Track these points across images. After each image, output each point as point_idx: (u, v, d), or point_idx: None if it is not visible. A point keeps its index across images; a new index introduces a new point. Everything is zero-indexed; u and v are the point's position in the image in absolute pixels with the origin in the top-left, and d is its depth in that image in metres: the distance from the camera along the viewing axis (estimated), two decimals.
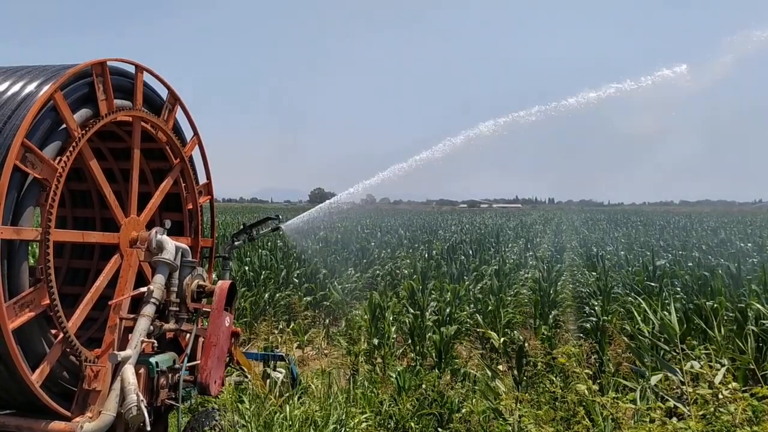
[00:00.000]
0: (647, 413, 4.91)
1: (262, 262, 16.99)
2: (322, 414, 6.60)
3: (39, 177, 4.73)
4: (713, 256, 20.49)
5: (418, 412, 7.21)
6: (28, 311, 4.67)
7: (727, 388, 4.57)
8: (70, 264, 7.36)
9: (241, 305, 13.00)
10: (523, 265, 19.80)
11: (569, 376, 6.90)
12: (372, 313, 10.86)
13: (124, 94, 5.74)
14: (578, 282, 17.57)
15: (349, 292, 15.66)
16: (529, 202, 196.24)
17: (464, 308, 11.98)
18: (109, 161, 7.01)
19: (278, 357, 7.98)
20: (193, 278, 5.93)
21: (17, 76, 5.20)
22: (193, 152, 6.88)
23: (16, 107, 4.81)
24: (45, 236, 4.76)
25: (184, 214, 6.98)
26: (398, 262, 20.56)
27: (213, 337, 5.79)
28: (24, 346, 4.65)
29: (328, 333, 13.02)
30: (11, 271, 4.60)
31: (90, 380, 5.04)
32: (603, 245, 27.77)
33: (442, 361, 9.47)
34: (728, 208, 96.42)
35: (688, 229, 43.97)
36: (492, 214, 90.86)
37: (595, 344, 9.20)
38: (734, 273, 13.69)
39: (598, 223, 56.47)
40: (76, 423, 4.81)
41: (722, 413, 4.50)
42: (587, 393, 5.35)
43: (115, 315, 5.37)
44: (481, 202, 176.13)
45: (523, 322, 13.05)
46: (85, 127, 5.21)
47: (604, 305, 11.12)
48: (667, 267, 15.98)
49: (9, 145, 4.49)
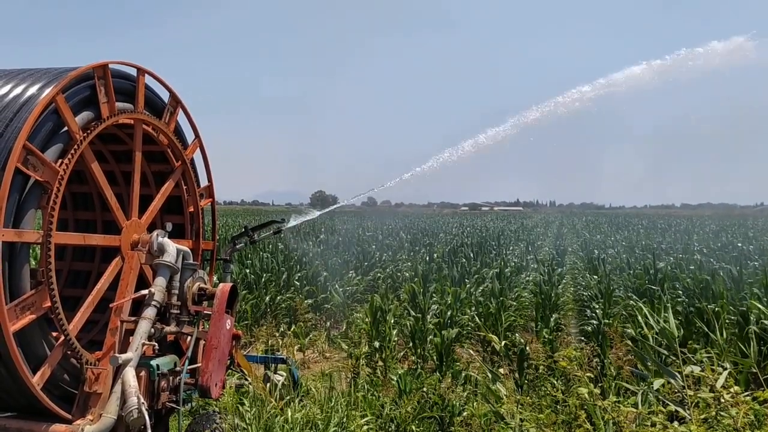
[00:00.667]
0: (649, 417, 4.90)
1: (263, 264, 16.98)
2: (323, 417, 6.58)
3: (41, 180, 4.74)
4: (715, 259, 20.46)
5: (419, 415, 7.19)
6: (30, 314, 4.67)
7: (728, 391, 4.55)
8: (71, 266, 7.37)
9: (242, 308, 13.00)
10: (525, 268, 19.77)
11: (570, 380, 6.89)
12: (373, 316, 10.84)
13: (126, 96, 5.75)
14: (579, 285, 17.56)
15: (350, 295, 15.66)
16: (531, 205, 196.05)
17: (465, 311, 11.97)
18: (111, 164, 7.01)
19: (279, 360, 7.97)
20: (194, 281, 5.93)
21: (19, 78, 5.21)
22: (194, 155, 6.89)
23: (18, 110, 4.82)
24: (46, 239, 4.77)
25: (186, 216, 6.98)
26: (399, 265, 20.56)
27: (214, 339, 5.79)
28: (25, 348, 4.66)
29: (329, 336, 13.02)
30: (12, 273, 4.61)
31: (91, 383, 5.04)
32: (604, 248, 27.76)
33: (443, 364, 9.46)
34: (730, 211, 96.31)
35: (690, 232, 43.92)
36: (493, 217, 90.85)
37: (597, 347, 9.18)
38: (736, 276, 13.68)
39: (600, 226, 56.44)
40: (77, 426, 4.81)
41: (724, 417, 4.49)
42: (588, 397, 5.34)
43: (116, 318, 5.37)
44: (482, 205, 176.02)
45: (525, 325, 13.04)
46: (87, 129, 5.22)
47: (606, 308, 11.11)
48: (668, 270, 15.96)
49: (11, 148, 4.50)
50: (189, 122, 6.75)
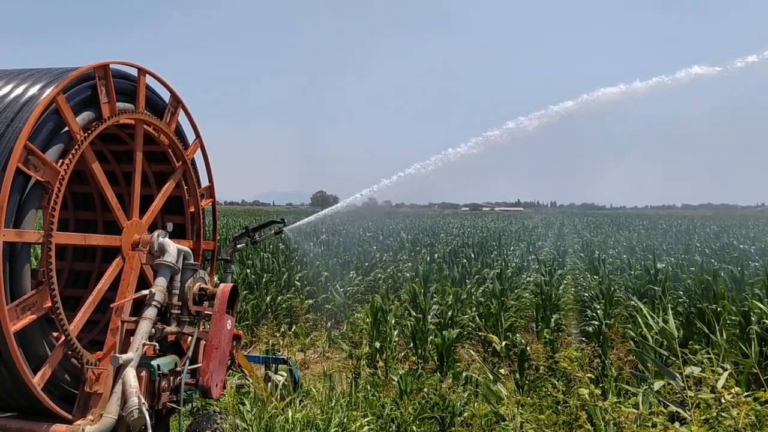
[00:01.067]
0: (650, 418, 4.90)
1: (264, 265, 16.99)
2: (324, 417, 6.58)
3: (41, 180, 4.74)
4: (716, 260, 20.45)
5: (419, 415, 7.19)
6: (30, 314, 4.67)
7: (729, 392, 4.55)
8: (72, 267, 7.37)
9: (243, 308, 12.99)
10: (525, 269, 19.77)
11: (571, 380, 6.88)
12: (374, 316, 10.84)
13: (127, 96, 5.75)
14: (580, 285, 17.55)
15: (350, 296, 15.65)
16: (531, 206, 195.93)
17: (466, 312, 11.97)
18: (112, 164, 7.01)
19: (280, 360, 7.97)
20: (195, 281, 5.93)
21: (20, 78, 5.21)
22: (195, 155, 6.89)
23: (19, 110, 4.82)
24: (47, 239, 4.77)
25: (186, 216, 6.98)
26: (400, 266, 20.55)
27: (215, 340, 5.79)
28: (26, 348, 4.66)
29: (330, 336, 13.01)
30: (13, 273, 4.61)
31: (91, 383, 5.04)
32: (605, 249, 27.75)
33: (443, 364, 9.46)
34: (731, 212, 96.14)
35: (691, 232, 43.90)
36: (494, 218, 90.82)
37: (598, 348, 9.17)
38: (737, 276, 13.67)
39: (600, 226, 56.41)
40: (77, 426, 4.81)
41: (725, 418, 4.48)
42: (589, 397, 5.33)
43: (117, 318, 5.37)
44: (483, 206, 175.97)
45: (525, 325, 13.03)
46: (88, 130, 5.22)
47: (606, 309, 11.10)
48: (669, 270, 15.95)
49: (12, 148, 4.51)
50: (190, 122, 6.75)
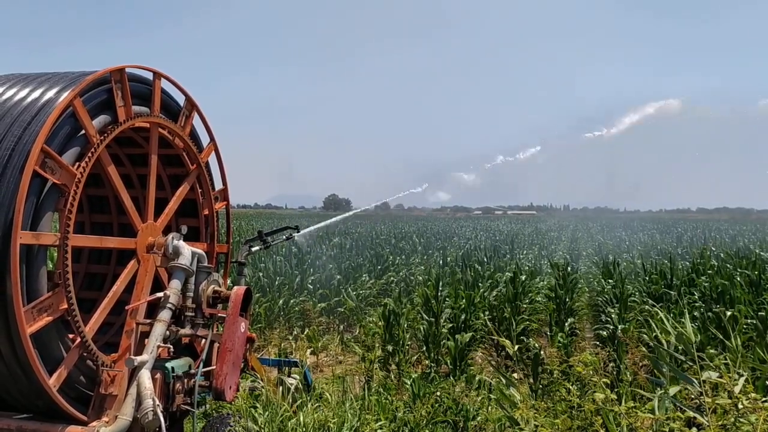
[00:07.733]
0: (666, 423, 4.84)
1: (276, 268, 17.03)
2: (336, 420, 6.57)
3: (58, 182, 4.78)
4: (731, 264, 20.20)
5: (432, 419, 7.16)
6: (46, 316, 4.71)
7: (747, 397, 4.49)
8: (87, 269, 7.41)
9: (256, 311, 13.03)
10: (539, 273, 19.66)
11: (586, 385, 6.82)
12: (386, 319, 10.82)
13: (142, 100, 5.79)
14: (594, 290, 17.41)
15: (363, 299, 15.65)
16: (544, 209, 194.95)
17: (479, 315, 11.92)
18: (127, 167, 7.06)
19: (292, 363, 7.97)
20: (208, 284, 5.95)
21: (37, 82, 5.26)
22: (209, 158, 6.92)
23: (36, 113, 4.86)
24: (63, 241, 4.81)
25: (201, 219, 7.01)
26: (413, 269, 20.52)
27: (228, 342, 5.80)
28: (42, 350, 4.69)
29: (343, 339, 13.02)
30: (30, 275, 4.65)
31: (106, 385, 5.07)
32: (619, 252, 27.54)
33: (457, 368, 9.42)
34: (746, 216, 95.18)
35: (707, 236, 43.48)
36: (507, 221, 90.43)
37: (613, 352, 9.09)
38: (754, 280, 13.50)
39: (614, 229, 56.00)
40: (92, 427, 4.83)
41: (743, 423, 4.42)
42: (604, 402, 5.28)
43: (132, 320, 5.40)
44: (495, 209, 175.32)
45: (539, 329, 12.94)
46: (104, 133, 5.26)
47: (621, 313, 11.00)
48: (684, 275, 15.79)
49: (29, 151, 4.55)
50: (204, 126, 6.78)
